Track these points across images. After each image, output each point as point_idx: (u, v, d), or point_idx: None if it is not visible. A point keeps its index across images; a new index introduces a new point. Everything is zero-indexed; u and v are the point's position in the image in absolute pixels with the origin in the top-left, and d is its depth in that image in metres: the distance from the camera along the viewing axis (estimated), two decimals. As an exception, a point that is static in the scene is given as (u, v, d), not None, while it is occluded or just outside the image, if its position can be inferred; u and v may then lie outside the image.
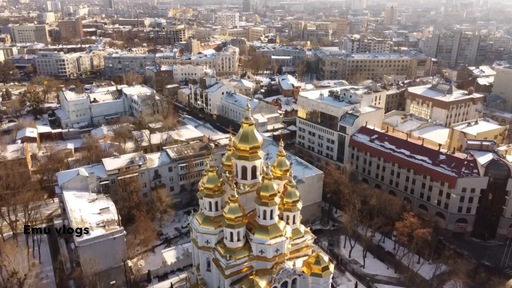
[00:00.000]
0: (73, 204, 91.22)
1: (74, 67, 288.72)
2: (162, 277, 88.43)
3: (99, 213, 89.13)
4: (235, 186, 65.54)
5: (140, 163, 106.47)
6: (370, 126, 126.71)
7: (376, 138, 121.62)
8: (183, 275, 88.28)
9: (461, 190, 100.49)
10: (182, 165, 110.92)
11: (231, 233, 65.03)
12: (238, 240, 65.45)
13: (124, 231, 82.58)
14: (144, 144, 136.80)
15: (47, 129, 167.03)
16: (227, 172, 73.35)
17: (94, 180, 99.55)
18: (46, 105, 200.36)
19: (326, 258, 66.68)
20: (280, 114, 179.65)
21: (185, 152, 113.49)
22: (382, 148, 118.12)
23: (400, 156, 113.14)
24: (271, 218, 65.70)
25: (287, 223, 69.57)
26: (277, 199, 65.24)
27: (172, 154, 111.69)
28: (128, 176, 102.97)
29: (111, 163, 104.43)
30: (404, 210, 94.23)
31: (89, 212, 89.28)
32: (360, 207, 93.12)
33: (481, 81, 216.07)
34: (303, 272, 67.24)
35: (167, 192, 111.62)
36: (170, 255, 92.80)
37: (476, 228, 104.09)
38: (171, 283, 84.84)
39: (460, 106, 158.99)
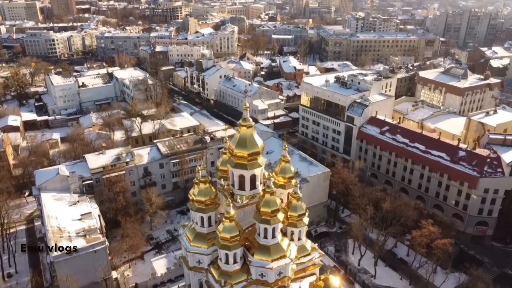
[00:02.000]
0: (51, 209, 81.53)
1: (65, 47, 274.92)
2: (152, 289, 79.68)
3: (80, 219, 79.55)
4: (230, 199, 55.58)
5: (128, 160, 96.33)
6: (381, 117, 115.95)
7: (387, 131, 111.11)
8: (175, 287, 79.66)
9: (482, 191, 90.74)
10: (174, 161, 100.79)
11: (227, 255, 55.52)
12: (235, 262, 56.02)
13: (107, 242, 73.16)
14: (135, 134, 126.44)
15: (32, 116, 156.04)
16: (222, 179, 63.49)
17: (75, 180, 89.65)
18: (33, 89, 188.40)
19: (337, 282, 57.33)
20: (282, 99, 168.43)
21: (178, 146, 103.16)
22: (394, 142, 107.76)
23: (414, 151, 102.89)
24: (273, 237, 56.06)
25: (292, 239, 60.13)
26: (280, 216, 55.42)
27: (163, 149, 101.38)
28: (114, 174, 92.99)
29: (95, 161, 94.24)
30: (421, 217, 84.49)
31: (68, 218, 79.66)
32: (372, 213, 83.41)
33: (494, 63, 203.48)
34: (310, 298, 57.97)
35: (158, 190, 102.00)
36: (160, 265, 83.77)
37: (497, 231, 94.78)
38: (161, 299, 76.07)
39: (475, 92, 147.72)
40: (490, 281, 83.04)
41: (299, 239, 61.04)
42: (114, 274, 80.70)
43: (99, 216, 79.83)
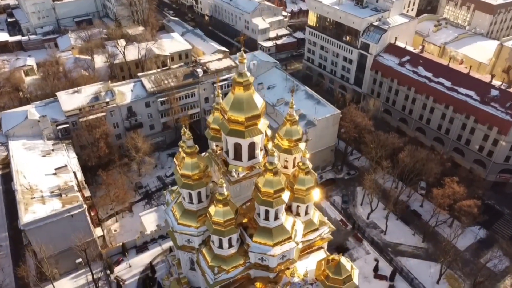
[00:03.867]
0: (21, 162, 71.22)
1: None
2: (141, 247, 72.83)
3: (55, 174, 69.68)
4: (223, 174, 44.70)
5: (108, 100, 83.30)
6: (401, 44, 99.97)
7: (408, 61, 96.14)
8: (166, 245, 72.98)
9: (514, 138, 79.81)
10: (162, 99, 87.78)
11: (220, 240, 46.50)
12: (230, 246, 47.23)
13: (84, 205, 64.04)
14: (118, 61, 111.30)
15: (3, 36, 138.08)
16: (214, 142, 52.03)
17: (48, 124, 77.87)
18: (3, 1, 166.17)
19: (348, 265, 48.94)
20: (285, 16, 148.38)
21: (165, 82, 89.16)
22: (414, 76, 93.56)
23: (437, 88, 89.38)
24: (276, 218, 46.53)
25: (297, 214, 50.77)
26: (285, 196, 45.18)
27: (148, 86, 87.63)
28: (93, 117, 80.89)
29: (69, 101, 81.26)
30: (444, 174, 74.27)
31: (41, 172, 69.72)
32: (389, 167, 73.28)
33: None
34: (316, 280, 50.20)
35: (145, 131, 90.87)
36: (149, 220, 76.12)
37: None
38: (151, 263, 69.29)
39: (509, 10, 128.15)
40: (509, 236, 76.59)
41: (307, 213, 51.76)
42: (99, 232, 73.41)
43: (74, 173, 69.40)
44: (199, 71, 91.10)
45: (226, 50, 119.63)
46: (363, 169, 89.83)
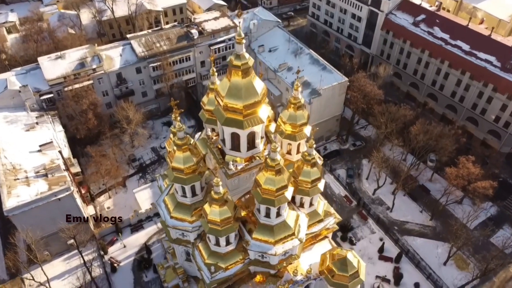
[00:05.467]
0: (2, 138, 65.95)
1: None
2: (136, 226, 69.59)
3: (40, 151, 64.75)
4: (218, 178, 39.45)
5: (94, 66, 76.29)
6: (416, 0, 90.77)
7: (423, 21, 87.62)
8: (162, 223, 69.68)
9: (535, 110, 73.87)
10: (154, 64, 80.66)
11: (217, 238, 42.52)
12: (228, 244, 43.38)
13: (72, 187, 59.61)
14: (106, 18, 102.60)
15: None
16: (209, 128, 46.57)
17: (30, 95, 71.72)
18: None
19: (355, 261, 45.48)
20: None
21: (157, 45, 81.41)
22: (429, 37, 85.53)
23: (454, 52, 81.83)
24: (278, 215, 42.26)
25: (301, 206, 46.52)
26: (288, 194, 40.52)
27: (139, 50, 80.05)
28: (79, 86, 74.46)
29: (52, 68, 74.35)
30: (458, 149, 69.14)
31: (25, 149, 64.77)
32: (399, 145, 68.15)
33: None
34: (319, 274, 47.04)
35: (138, 99, 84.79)
36: (144, 197, 72.36)
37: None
38: (146, 244, 66.22)
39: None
40: (522, 213, 73.07)
41: (311, 205, 47.50)
42: (91, 210, 69.90)
43: (60, 152, 64.19)
44: (194, 32, 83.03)
45: (224, 4, 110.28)
46: (369, 140, 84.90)
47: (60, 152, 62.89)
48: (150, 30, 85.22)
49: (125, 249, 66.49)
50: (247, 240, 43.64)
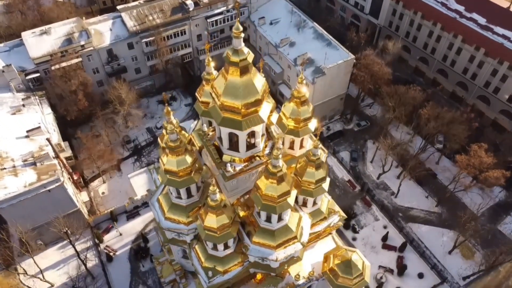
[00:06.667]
0: (-14, 122, 62.30)
1: None
2: (132, 212, 67.20)
3: (27, 136, 61.19)
4: (215, 186, 36.12)
5: (83, 42, 71.06)
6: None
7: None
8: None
9: (553, 90, 69.47)
10: (147, 39, 75.28)
11: (215, 244, 39.95)
12: (226, 248, 40.89)
13: (62, 178, 56.52)
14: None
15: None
16: (204, 125, 42.70)
17: (14, 75, 67.16)
18: None
19: (360, 262, 43.32)
20: None
21: (150, 18, 75.56)
22: (443, 9, 79.45)
23: (469, 26, 76.17)
24: (280, 219, 39.50)
25: (304, 205, 43.71)
26: (291, 199, 37.45)
27: (130, 24, 74.31)
28: (67, 64, 69.64)
29: (37, 45, 69.14)
30: (470, 137, 65.37)
31: (11, 136, 61.20)
32: (411, 134, 64.50)
33: None
34: (322, 275, 45.08)
35: (131, 76, 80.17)
36: (139, 183, 69.30)
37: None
38: (142, 233, 64.09)
39: None
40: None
41: (315, 203, 44.66)
42: (85, 197, 67.36)
43: (48, 140, 60.46)
44: (190, 3, 76.83)
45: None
46: (375, 119, 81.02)
47: (48, 139, 59.21)
48: (142, 1, 79.05)
49: (121, 237, 64.46)
50: (247, 245, 41.16)
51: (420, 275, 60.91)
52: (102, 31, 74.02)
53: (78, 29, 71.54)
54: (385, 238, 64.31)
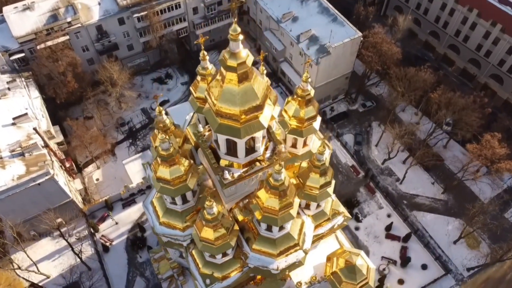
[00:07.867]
0: (-30, 109, 58.67)
1: None
2: (128, 200, 64.97)
3: (14, 124, 57.82)
4: (211, 201, 33.24)
5: (69, 19, 65.92)
6: None
7: (452, -41, 74.64)
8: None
9: None
10: (138, 14, 69.95)
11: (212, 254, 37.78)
12: (225, 255, 38.74)
13: (52, 171, 53.70)
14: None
15: None
16: (200, 124, 39.14)
17: (-2, 56, 62.84)
18: None
19: (365, 267, 41.52)
20: None
21: (141, -9, 69.85)
22: (458, -20, 73.53)
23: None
24: (282, 229, 37.10)
25: (307, 208, 41.24)
26: (293, 211, 34.79)
27: (119, -3, 68.86)
28: (53, 43, 64.90)
29: (20, 23, 64.11)
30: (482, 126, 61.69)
31: (-3, 123, 57.86)
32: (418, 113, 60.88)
33: None
34: (325, 278, 43.41)
35: (123, 53, 75.54)
36: (135, 169, 66.78)
37: None
38: (139, 224, 62.08)
39: None
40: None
41: (318, 206, 42.14)
42: (78, 185, 64.93)
43: (35, 129, 56.82)
44: (184, -26, 70.93)
45: None
46: (381, 99, 77.12)
47: (35, 129, 55.82)
48: (132, -30, 72.79)
49: (117, 226, 62.63)
50: (246, 252, 38.99)
51: (424, 266, 59.57)
52: (90, 5, 68.60)
53: (63, 4, 66.22)
54: (388, 227, 62.48)
